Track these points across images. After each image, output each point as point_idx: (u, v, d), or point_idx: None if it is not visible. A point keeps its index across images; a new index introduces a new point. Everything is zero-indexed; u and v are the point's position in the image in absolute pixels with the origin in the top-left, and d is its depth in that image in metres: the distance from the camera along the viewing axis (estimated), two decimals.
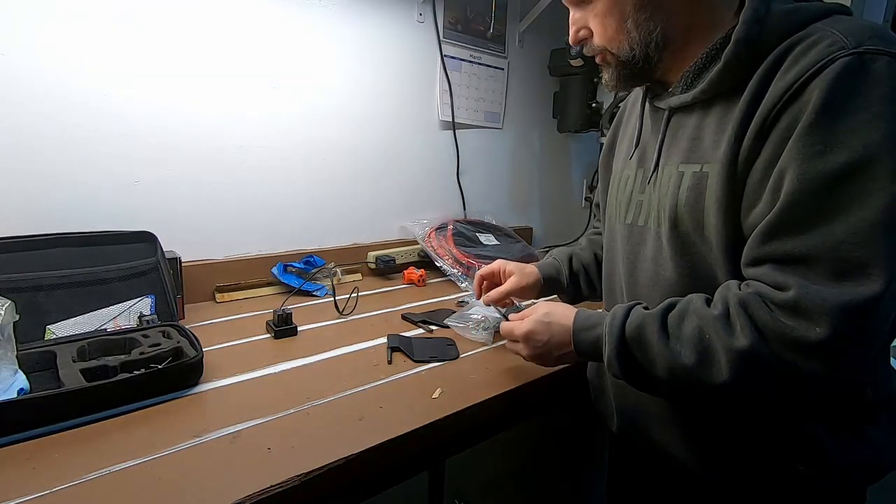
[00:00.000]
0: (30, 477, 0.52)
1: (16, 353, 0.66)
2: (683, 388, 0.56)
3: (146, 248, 0.94)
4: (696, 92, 0.59)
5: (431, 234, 1.35)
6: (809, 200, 0.48)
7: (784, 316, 0.49)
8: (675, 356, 0.55)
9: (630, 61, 0.63)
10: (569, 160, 1.88)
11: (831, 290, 0.47)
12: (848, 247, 0.46)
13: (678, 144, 0.63)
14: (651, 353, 0.57)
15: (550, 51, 1.59)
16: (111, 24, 0.93)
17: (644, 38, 0.61)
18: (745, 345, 0.50)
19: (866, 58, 0.48)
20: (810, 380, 0.49)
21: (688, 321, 0.55)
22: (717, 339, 0.52)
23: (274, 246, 1.20)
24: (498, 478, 0.84)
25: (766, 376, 0.51)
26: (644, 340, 0.57)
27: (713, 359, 0.52)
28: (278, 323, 0.90)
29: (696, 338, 0.54)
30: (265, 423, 0.63)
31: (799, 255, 0.49)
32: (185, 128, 1.04)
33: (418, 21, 1.35)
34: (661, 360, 0.56)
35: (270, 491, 0.52)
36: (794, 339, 0.48)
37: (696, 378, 0.53)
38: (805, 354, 0.48)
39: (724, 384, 0.52)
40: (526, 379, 0.78)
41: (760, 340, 0.50)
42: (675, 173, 0.61)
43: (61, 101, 0.90)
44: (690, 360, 0.53)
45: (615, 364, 0.60)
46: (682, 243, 0.60)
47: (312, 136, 1.22)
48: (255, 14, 1.09)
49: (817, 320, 0.47)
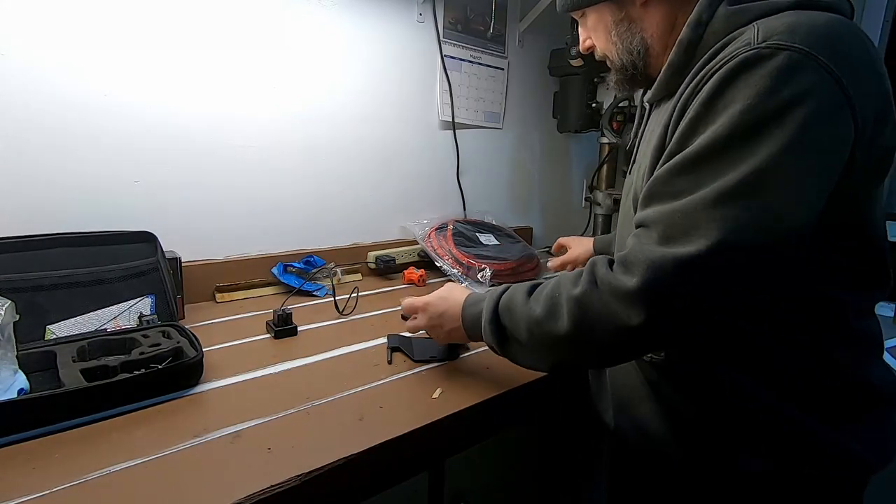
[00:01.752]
0: (30, 477, 0.52)
1: (16, 353, 0.66)
2: (537, 342, 0.61)
3: (146, 248, 0.94)
4: (653, 90, 0.66)
5: (431, 234, 1.35)
6: (667, 179, 0.53)
7: (617, 269, 0.54)
8: (531, 313, 0.61)
9: (622, 68, 0.70)
10: (569, 160, 1.88)
11: (654, 249, 0.51)
12: (679, 217, 0.51)
13: (649, 137, 0.68)
14: (515, 317, 0.63)
15: (550, 51, 1.59)
16: (111, 24, 0.93)
17: (626, 47, 0.67)
18: (579, 292, 0.56)
19: (765, 52, 0.48)
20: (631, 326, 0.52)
21: (549, 285, 0.62)
22: (564, 291, 0.58)
23: (274, 246, 1.20)
24: (498, 478, 0.84)
25: (596, 322, 0.55)
26: (511, 307, 0.64)
27: (559, 310, 0.58)
28: (278, 323, 0.90)
29: (550, 295, 0.60)
30: (265, 423, 0.63)
31: (647, 220, 0.54)
32: (185, 128, 1.04)
33: (418, 21, 1.35)
34: (523, 321, 0.62)
35: (270, 491, 0.52)
36: (615, 287, 0.53)
37: (545, 329, 0.59)
38: (622, 301, 0.52)
39: (565, 331, 0.57)
40: (526, 379, 0.78)
41: (593, 288, 0.55)
42: (642, 162, 0.66)
43: (61, 101, 0.90)
44: (541, 313, 0.59)
45: (488, 331, 0.66)
46: None
47: (312, 136, 1.22)
48: (255, 14, 1.09)
49: (633, 271, 0.52)
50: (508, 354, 0.67)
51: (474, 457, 0.78)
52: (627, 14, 0.66)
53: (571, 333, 0.57)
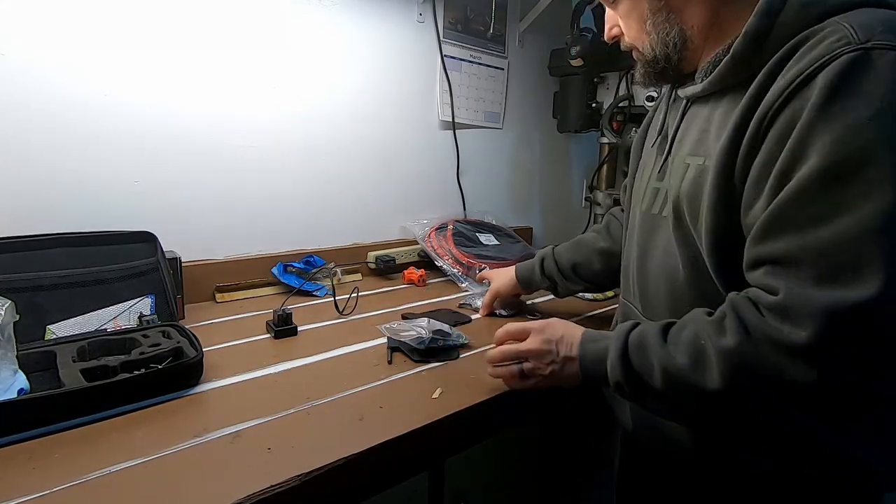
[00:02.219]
0: (30, 477, 0.52)
1: (16, 353, 0.66)
2: (678, 394, 0.54)
3: (146, 248, 0.94)
4: (706, 83, 0.59)
5: (431, 234, 1.35)
6: (802, 201, 0.47)
7: (772, 318, 0.48)
8: (670, 359, 0.54)
9: (652, 61, 0.64)
10: (569, 160, 1.88)
11: (818, 293, 0.45)
12: (837, 250, 0.45)
13: (690, 135, 0.63)
14: (649, 358, 0.56)
15: (550, 51, 1.59)
16: (111, 24, 0.93)
17: (662, 39, 0.62)
18: (732, 344, 0.49)
19: (873, 53, 0.45)
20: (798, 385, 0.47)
21: (687, 328, 0.55)
22: (709, 341, 0.51)
23: (274, 246, 1.20)
24: (498, 478, 0.84)
25: (755, 379, 0.49)
26: (644, 345, 0.57)
27: (707, 362, 0.51)
28: (278, 323, 0.90)
29: (692, 342, 0.53)
30: (265, 423, 0.63)
31: (790, 257, 0.48)
32: (186, 128, 1.04)
33: (418, 21, 1.35)
34: (658, 364, 0.55)
35: (270, 491, 0.52)
36: (780, 342, 0.47)
37: (690, 382, 0.52)
38: (791, 357, 0.46)
39: (716, 389, 0.50)
40: None
41: (748, 340, 0.49)
42: (682, 164, 0.62)
43: (61, 101, 0.90)
44: (684, 362, 0.53)
45: (617, 370, 0.58)
46: (683, 234, 0.61)
47: (312, 136, 1.22)
48: (255, 14, 1.09)
49: (801, 323, 0.45)
50: (637, 398, 0.59)
51: (474, 457, 0.78)
52: (667, 3, 0.61)
53: (723, 391, 0.50)
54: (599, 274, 0.96)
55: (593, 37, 1.38)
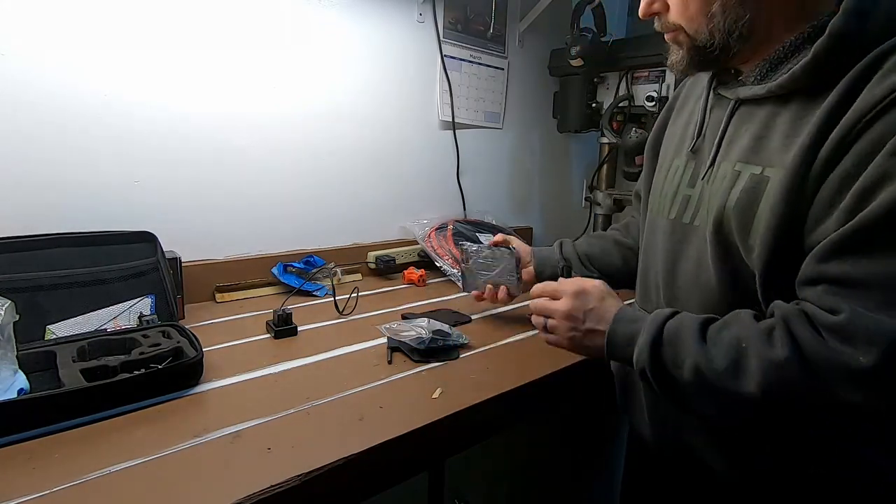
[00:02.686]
0: (30, 477, 0.52)
1: (16, 353, 0.66)
2: (706, 393, 0.53)
3: (146, 248, 0.94)
4: (773, 85, 0.54)
5: (431, 234, 1.35)
6: (882, 226, 0.44)
7: (830, 339, 0.46)
8: (706, 359, 0.52)
9: (705, 47, 0.57)
10: (569, 160, 1.88)
11: (887, 319, 0.43)
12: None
13: (739, 141, 0.58)
14: (683, 353, 0.54)
15: (550, 51, 1.59)
16: (111, 25, 0.93)
17: (729, 26, 0.54)
18: (781, 357, 0.47)
19: None
20: (845, 407, 0.46)
21: (729, 330, 0.53)
22: (753, 348, 0.50)
23: (274, 246, 1.20)
24: (498, 478, 0.84)
25: (798, 394, 0.47)
26: (680, 338, 0.55)
27: (746, 367, 0.50)
28: (278, 323, 0.90)
29: (733, 345, 0.51)
30: (265, 423, 0.63)
31: (858, 279, 0.45)
32: (185, 128, 1.04)
33: (418, 21, 1.35)
34: (691, 360, 0.53)
35: (270, 491, 0.52)
36: (837, 364, 0.45)
37: (722, 384, 0.51)
38: (845, 381, 0.45)
39: (751, 394, 0.49)
40: (527, 379, 0.78)
41: (799, 357, 0.47)
42: (731, 172, 0.57)
43: (61, 101, 0.90)
44: (721, 365, 0.51)
45: (645, 354, 0.57)
46: (724, 248, 0.57)
47: (312, 136, 1.22)
48: (255, 14, 1.09)
49: (864, 349, 0.44)
50: (660, 387, 0.58)
51: (474, 457, 0.78)
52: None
53: (759, 400, 0.49)
54: (620, 269, 0.90)
55: (593, 37, 1.38)
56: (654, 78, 1.37)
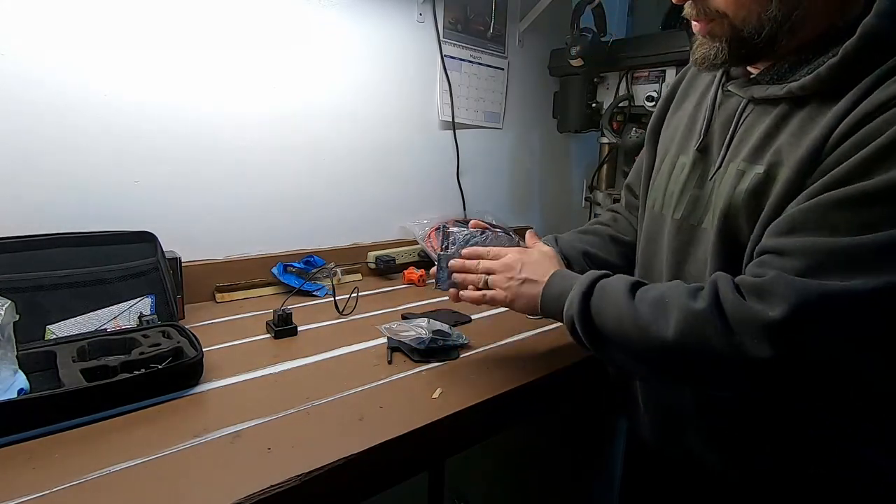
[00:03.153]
0: (30, 477, 0.52)
1: (16, 353, 0.66)
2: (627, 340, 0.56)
3: (146, 248, 0.94)
4: (795, 86, 0.51)
5: (431, 234, 1.35)
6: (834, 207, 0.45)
7: (748, 296, 0.48)
8: (631, 310, 0.55)
9: (751, 39, 0.52)
10: (569, 160, 1.88)
11: (801, 280, 0.45)
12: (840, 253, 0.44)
13: (749, 140, 0.56)
14: (610, 305, 0.58)
15: (550, 51, 1.59)
16: (111, 25, 0.93)
17: (784, 15, 0.50)
18: (699, 307, 0.50)
19: None
20: (754, 363, 0.47)
21: (656, 289, 0.56)
22: (676, 301, 0.52)
23: (274, 246, 1.20)
24: (498, 478, 0.84)
25: (710, 345, 0.49)
26: (609, 293, 0.59)
27: (666, 316, 0.52)
28: (278, 323, 0.90)
29: (657, 298, 0.54)
30: (265, 423, 0.63)
31: (790, 248, 0.47)
32: (186, 128, 1.04)
33: (418, 21, 1.35)
34: (616, 311, 0.56)
35: (270, 491, 0.52)
36: (749, 317, 0.47)
37: (642, 330, 0.53)
38: (755, 334, 0.46)
39: (666, 339, 0.51)
40: (527, 379, 0.78)
41: (716, 309, 0.49)
42: (735, 172, 0.56)
43: (61, 101, 0.90)
44: (644, 314, 0.54)
45: (575, 304, 0.60)
46: (729, 249, 0.56)
47: (312, 136, 1.22)
48: (255, 14, 1.09)
49: (776, 303, 0.45)
50: (588, 337, 0.60)
51: (474, 457, 0.78)
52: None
53: (673, 344, 0.50)
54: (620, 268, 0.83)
55: (593, 37, 1.38)
56: (654, 78, 1.37)
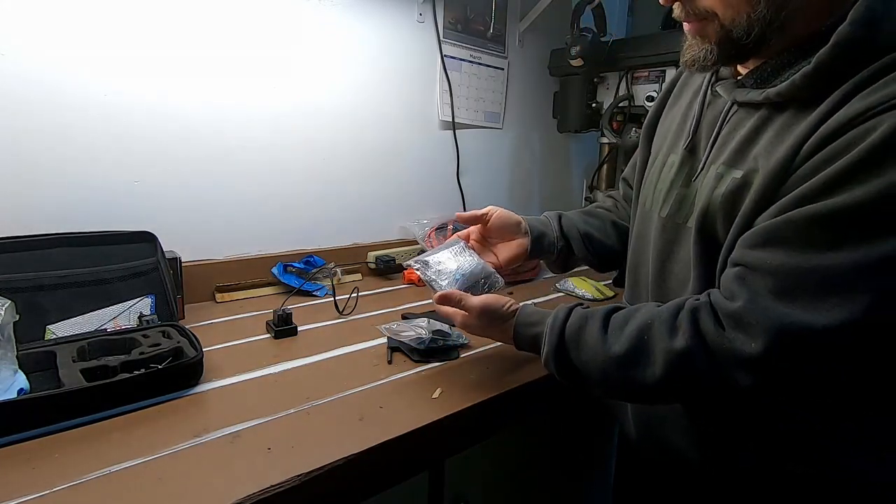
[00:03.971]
0: (30, 477, 0.52)
1: (16, 353, 0.66)
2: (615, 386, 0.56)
3: (146, 248, 0.94)
4: (771, 92, 0.52)
5: (431, 234, 1.35)
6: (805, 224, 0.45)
7: (727, 326, 0.48)
8: (608, 350, 0.55)
9: (740, 39, 0.51)
10: (569, 160, 1.88)
11: (776, 308, 0.45)
12: (815, 276, 0.44)
13: (730, 143, 0.57)
14: (586, 354, 0.57)
15: (550, 51, 1.59)
16: (111, 24, 0.93)
17: (772, 15, 0.49)
18: (681, 347, 0.50)
19: None
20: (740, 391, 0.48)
21: (633, 321, 0.55)
22: (657, 339, 0.52)
23: (274, 246, 1.20)
24: (498, 478, 0.84)
25: (698, 381, 0.50)
26: (581, 340, 0.58)
27: (649, 358, 0.52)
28: (278, 323, 0.90)
29: (635, 336, 0.54)
30: (265, 423, 0.63)
31: (763, 265, 0.47)
32: (186, 128, 1.04)
33: (418, 21, 1.35)
34: (596, 358, 0.56)
35: (270, 491, 0.52)
36: (732, 351, 0.47)
37: (629, 375, 0.53)
38: (739, 367, 0.47)
39: (655, 383, 0.52)
40: (526, 379, 0.78)
41: (699, 345, 0.49)
42: (715, 174, 0.56)
43: (61, 101, 0.90)
44: (623, 353, 0.54)
45: (551, 363, 0.61)
46: (706, 250, 0.57)
47: (312, 136, 1.22)
48: (255, 14, 1.09)
49: (755, 335, 0.46)
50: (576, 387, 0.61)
51: (474, 457, 0.78)
52: None
53: (663, 387, 0.51)
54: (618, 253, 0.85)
55: (593, 37, 1.38)
56: (654, 78, 1.37)
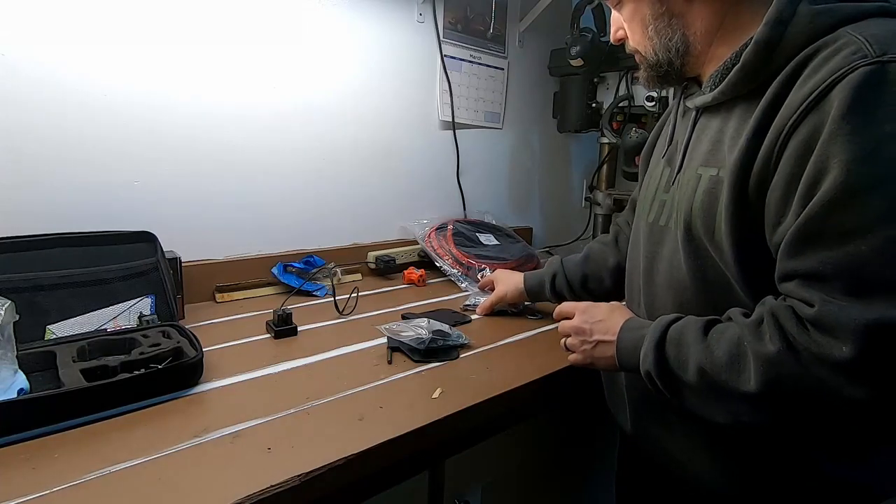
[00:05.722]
0: (30, 477, 0.52)
1: (16, 353, 0.66)
2: (710, 391, 0.54)
3: (146, 248, 0.94)
4: (717, 93, 0.59)
5: (431, 234, 1.35)
6: (829, 215, 0.46)
7: (812, 329, 0.48)
8: (708, 356, 0.53)
9: (655, 65, 0.64)
10: (569, 160, 1.88)
11: (857, 308, 0.45)
12: (875, 267, 0.45)
13: (701, 146, 0.62)
14: (685, 352, 0.56)
15: (550, 51, 1.59)
16: (111, 24, 0.93)
17: (664, 44, 0.62)
18: (772, 351, 0.49)
19: (890, 66, 0.45)
20: (838, 396, 0.47)
21: (730, 329, 0.54)
22: (749, 345, 0.51)
23: (274, 246, 1.20)
24: (498, 478, 0.84)
25: (794, 387, 0.48)
26: (682, 340, 0.57)
27: (744, 364, 0.51)
28: (278, 323, 0.90)
29: (733, 341, 0.53)
30: (265, 423, 0.63)
31: (818, 271, 0.47)
32: (186, 128, 1.04)
33: (418, 21, 1.35)
34: (695, 360, 0.54)
35: (270, 491, 0.52)
36: (822, 355, 0.46)
37: (724, 380, 0.52)
38: (832, 371, 0.46)
39: (749, 391, 0.50)
40: (526, 379, 0.78)
41: (788, 350, 0.48)
42: (694, 175, 0.61)
43: (61, 101, 0.90)
44: (722, 361, 0.52)
45: (650, 359, 0.58)
46: (694, 247, 0.60)
47: (312, 136, 1.22)
48: (256, 14, 1.09)
49: (843, 338, 0.45)
50: (669, 391, 0.58)
51: (474, 457, 0.78)
52: (669, 9, 0.61)
53: (758, 395, 0.50)
54: (610, 291, 0.93)
55: (593, 37, 1.38)
56: None
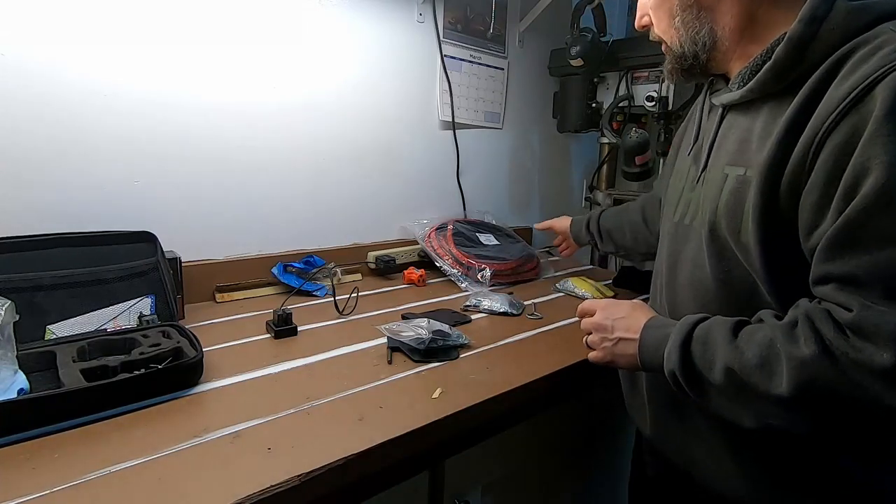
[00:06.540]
0: (30, 477, 0.52)
1: (16, 353, 0.66)
2: (738, 393, 0.52)
3: (146, 248, 0.94)
4: (745, 91, 0.57)
5: (431, 234, 1.35)
6: (869, 218, 0.46)
7: (851, 335, 0.47)
8: (737, 357, 0.52)
9: (680, 57, 0.63)
10: (569, 160, 1.88)
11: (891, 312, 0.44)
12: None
13: (727, 145, 0.61)
14: (711, 353, 0.54)
15: (550, 51, 1.59)
16: (111, 24, 0.93)
17: (691, 37, 0.60)
18: (807, 354, 0.47)
19: None
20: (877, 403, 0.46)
21: (761, 330, 0.53)
22: (782, 347, 0.50)
23: (274, 246, 1.20)
24: (498, 478, 0.84)
25: (828, 392, 0.47)
26: (708, 340, 0.55)
27: (776, 366, 0.49)
28: (278, 323, 0.90)
29: (764, 343, 0.51)
30: (265, 423, 0.63)
31: (857, 275, 0.47)
32: (186, 128, 1.04)
33: (418, 21, 1.35)
34: (722, 361, 0.53)
35: (270, 491, 0.52)
36: (861, 361, 0.45)
37: (754, 382, 0.50)
38: (872, 377, 0.45)
39: (780, 394, 0.48)
40: (526, 379, 0.78)
41: (824, 353, 0.47)
42: (720, 175, 0.60)
43: (61, 101, 0.90)
44: (752, 363, 0.51)
45: (674, 358, 0.57)
46: (719, 247, 0.59)
47: (312, 136, 1.22)
48: (256, 14, 1.09)
49: (884, 345, 0.44)
50: (693, 392, 0.57)
51: (474, 457, 0.78)
52: (698, 1, 0.59)
53: (790, 399, 0.48)
54: (629, 246, 1.06)
55: (593, 37, 1.38)
56: (654, 78, 1.37)
